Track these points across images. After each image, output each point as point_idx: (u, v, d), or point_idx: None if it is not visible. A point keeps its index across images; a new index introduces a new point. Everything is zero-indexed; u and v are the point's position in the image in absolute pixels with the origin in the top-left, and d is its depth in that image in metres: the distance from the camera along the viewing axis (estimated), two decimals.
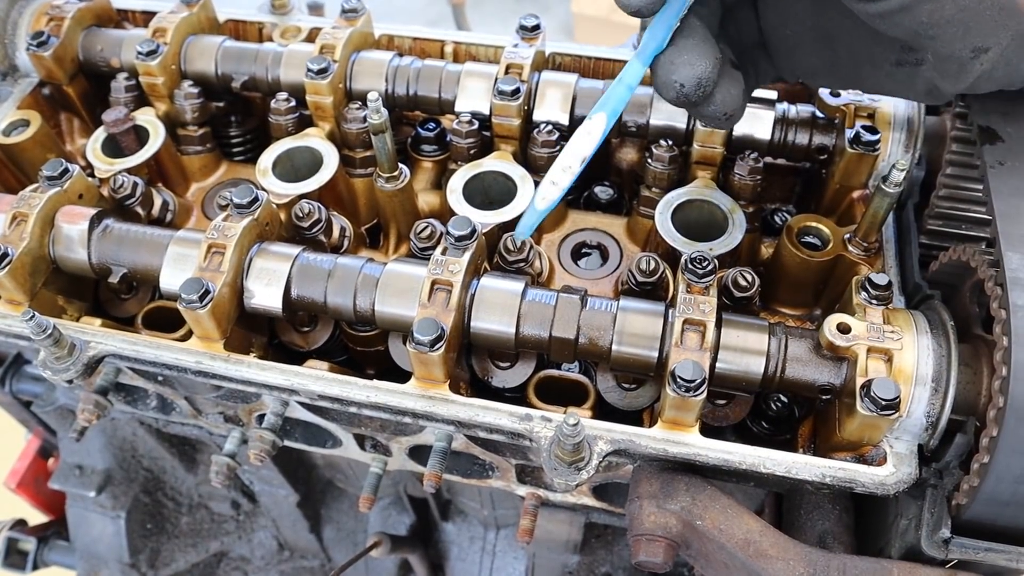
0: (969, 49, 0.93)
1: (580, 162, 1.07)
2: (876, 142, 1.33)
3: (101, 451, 2.23)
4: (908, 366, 1.06)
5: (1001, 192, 1.05)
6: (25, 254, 1.24)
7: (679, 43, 1.00)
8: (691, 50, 1.00)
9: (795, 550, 1.06)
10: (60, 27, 1.55)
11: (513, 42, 1.50)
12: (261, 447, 1.38)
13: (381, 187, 1.37)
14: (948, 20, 0.91)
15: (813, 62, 1.12)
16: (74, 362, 1.21)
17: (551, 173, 1.08)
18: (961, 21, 0.91)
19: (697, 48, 1.00)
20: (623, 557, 2.09)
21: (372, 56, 1.51)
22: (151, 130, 1.50)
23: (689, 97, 1.01)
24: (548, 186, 1.08)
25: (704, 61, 1.00)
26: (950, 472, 1.06)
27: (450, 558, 2.32)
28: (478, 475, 1.52)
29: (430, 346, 1.10)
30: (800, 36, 1.09)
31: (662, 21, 1.00)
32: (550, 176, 1.08)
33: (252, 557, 2.48)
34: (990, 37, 0.92)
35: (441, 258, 1.16)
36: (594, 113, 1.06)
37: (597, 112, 1.06)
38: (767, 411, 1.30)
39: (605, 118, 1.06)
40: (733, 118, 1.08)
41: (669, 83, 1.01)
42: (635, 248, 1.45)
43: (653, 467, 1.15)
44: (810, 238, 1.33)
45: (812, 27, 1.07)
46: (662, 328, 1.13)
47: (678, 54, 1.00)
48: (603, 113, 1.06)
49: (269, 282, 1.21)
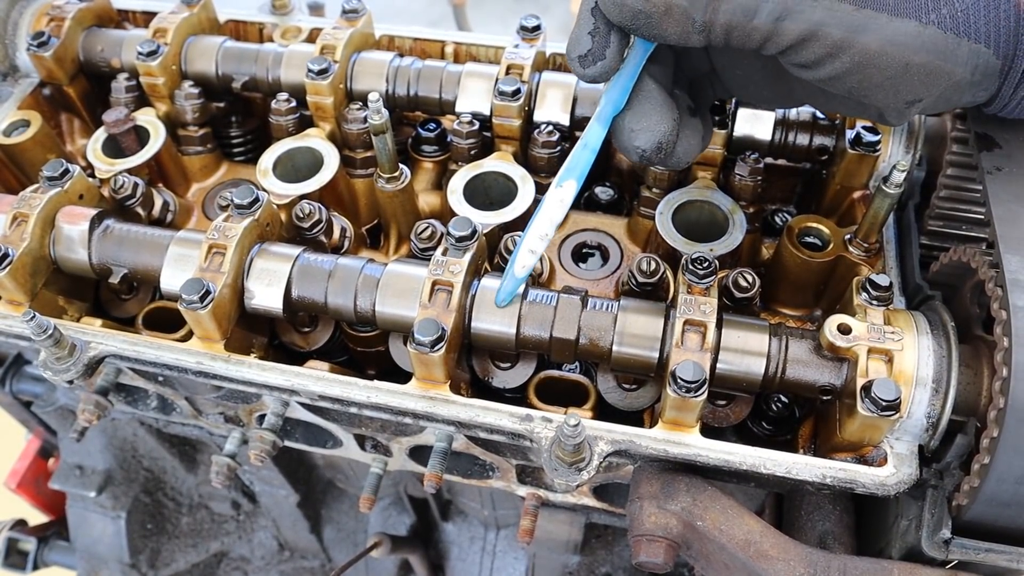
0: (903, 102, 0.97)
1: (554, 228, 1.11)
2: (877, 143, 1.33)
3: (101, 451, 2.23)
4: (909, 367, 1.06)
5: (999, 197, 1.06)
6: (26, 254, 1.24)
7: (636, 107, 1.03)
8: (649, 115, 1.03)
9: (795, 551, 1.06)
10: (61, 27, 1.55)
11: (514, 43, 1.50)
12: (261, 447, 1.38)
13: (382, 188, 1.37)
14: (877, 86, 0.95)
15: (767, 94, 1.14)
16: (75, 362, 1.21)
17: (528, 242, 1.11)
18: (890, 86, 0.95)
19: (655, 112, 1.03)
20: (623, 557, 2.09)
21: (373, 57, 1.51)
22: (152, 130, 1.50)
23: (651, 159, 1.05)
24: (527, 254, 1.11)
25: (662, 125, 1.03)
26: (951, 473, 1.06)
27: (450, 558, 2.32)
28: (478, 475, 1.52)
29: (431, 347, 1.10)
30: (752, 75, 1.11)
31: (617, 85, 1.03)
32: (527, 245, 1.11)
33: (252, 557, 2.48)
34: (921, 92, 0.96)
35: (442, 259, 1.16)
36: (563, 180, 1.10)
37: (566, 179, 1.09)
38: (768, 412, 1.29)
39: (575, 184, 1.10)
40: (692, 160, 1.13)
41: (631, 148, 1.05)
42: (635, 249, 1.45)
43: (654, 468, 1.15)
44: (811, 239, 1.33)
45: (762, 67, 1.09)
46: (663, 329, 1.13)
47: (636, 120, 1.03)
48: (572, 180, 1.09)
49: (270, 282, 1.21)
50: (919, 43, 0.91)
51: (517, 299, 1.16)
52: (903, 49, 0.91)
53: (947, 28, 0.91)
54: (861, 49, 0.91)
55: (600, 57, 0.99)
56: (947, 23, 0.91)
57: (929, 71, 0.93)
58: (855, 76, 0.94)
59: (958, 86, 0.96)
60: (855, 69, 0.93)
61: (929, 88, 0.95)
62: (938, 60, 0.92)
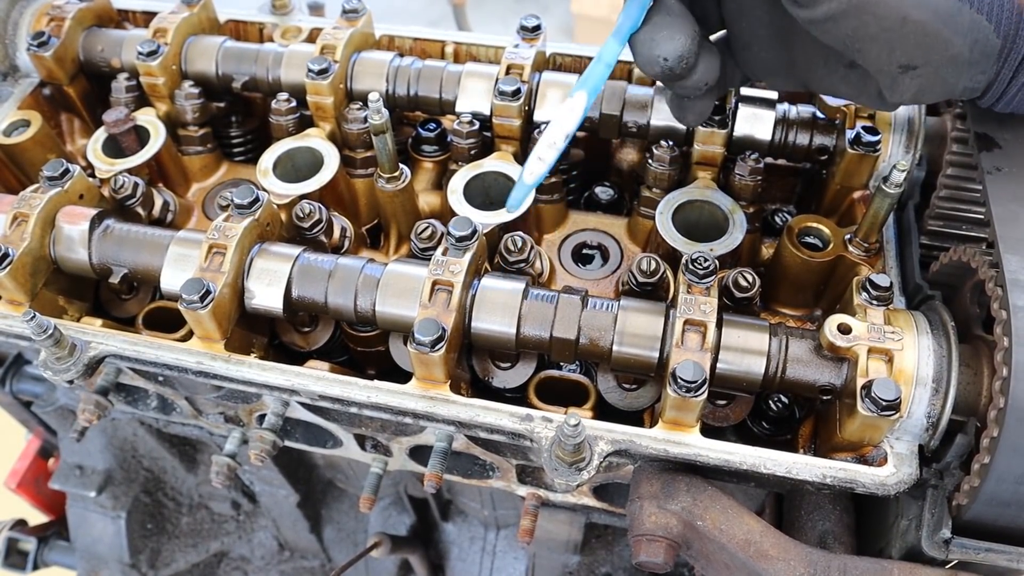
0: (896, 65, 0.96)
1: (564, 138, 1.09)
2: (877, 143, 1.33)
3: (101, 451, 2.23)
4: (909, 367, 1.06)
5: (999, 197, 1.06)
6: (26, 254, 1.24)
7: (657, 20, 1.04)
8: (670, 26, 1.04)
9: (796, 550, 1.06)
10: (61, 27, 1.55)
11: (514, 42, 1.50)
12: (261, 447, 1.38)
13: (382, 187, 1.37)
14: (872, 37, 0.94)
15: (770, 59, 1.14)
16: (75, 362, 1.21)
17: (537, 149, 1.09)
18: (886, 40, 0.94)
19: (675, 23, 1.04)
20: (623, 557, 2.09)
21: (373, 56, 1.51)
22: (152, 130, 1.50)
23: (673, 70, 1.05)
24: (535, 161, 1.10)
25: (683, 35, 1.04)
26: (951, 472, 1.06)
27: (450, 558, 2.32)
28: (479, 475, 1.52)
29: (431, 347, 1.10)
30: (757, 31, 1.11)
31: (636, 2, 1.03)
32: (536, 152, 1.09)
33: (252, 557, 2.48)
34: (916, 58, 0.95)
35: (442, 258, 1.16)
36: (575, 91, 1.09)
37: (578, 90, 1.09)
38: (768, 411, 1.30)
39: (586, 95, 1.09)
40: (712, 90, 1.13)
41: (652, 58, 1.05)
42: (636, 248, 1.45)
43: (654, 467, 1.15)
44: (811, 239, 1.33)
45: (768, 23, 1.09)
46: (663, 329, 1.13)
47: (657, 30, 1.04)
48: (583, 91, 1.09)
49: (270, 282, 1.21)
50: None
51: (517, 299, 1.16)
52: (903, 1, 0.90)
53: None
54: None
55: None
56: None
57: (927, 32, 0.92)
58: (851, 21, 0.93)
59: (955, 61, 0.94)
60: (852, 12, 0.92)
61: (925, 53, 0.94)
62: (937, 22, 0.91)
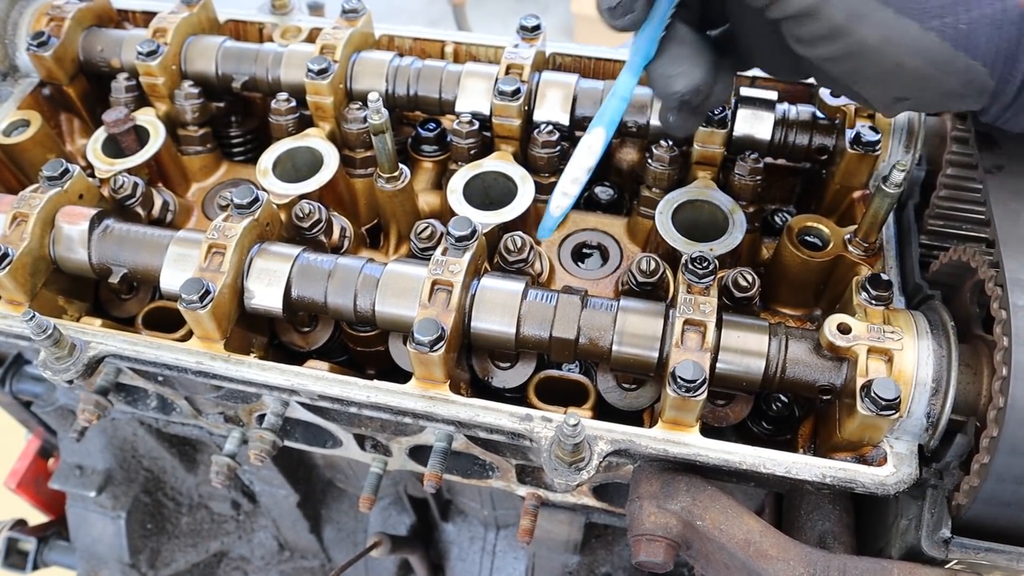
0: (891, 98, 0.99)
1: (585, 173, 1.17)
2: (877, 142, 1.33)
3: (101, 451, 2.23)
4: (908, 366, 1.06)
5: (999, 196, 1.07)
6: (25, 254, 1.24)
7: (672, 52, 1.04)
8: (685, 60, 1.04)
9: (795, 550, 1.06)
10: (60, 27, 1.55)
11: (513, 42, 1.50)
12: (261, 447, 1.38)
13: (381, 187, 1.37)
14: (867, 78, 0.97)
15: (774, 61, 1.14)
16: (74, 362, 1.21)
17: (561, 184, 1.19)
18: (880, 80, 0.96)
19: (691, 56, 1.04)
20: (623, 557, 2.09)
21: (372, 56, 1.51)
22: (151, 130, 1.50)
23: (691, 104, 1.06)
24: (560, 196, 1.20)
25: (699, 69, 1.04)
26: (950, 472, 1.06)
27: (450, 558, 2.32)
28: (478, 475, 1.52)
29: (430, 346, 1.10)
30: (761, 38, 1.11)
31: (645, 34, 1.04)
32: (560, 187, 1.20)
33: (252, 557, 2.48)
34: (909, 94, 0.97)
35: (441, 258, 1.16)
36: (593, 128, 1.14)
37: (595, 127, 1.14)
38: (767, 411, 1.29)
39: (604, 132, 1.14)
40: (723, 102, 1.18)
41: (669, 95, 1.06)
42: (635, 248, 1.45)
43: (653, 467, 1.15)
44: (810, 238, 1.33)
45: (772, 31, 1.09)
46: (662, 328, 1.13)
47: (673, 65, 1.04)
48: (601, 127, 1.14)
49: (269, 282, 1.21)
50: (916, 47, 0.91)
51: (517, 299, 1.16)
52: (899, 49, 0.91)
53: (947, 39, 0.91)
54: (859, 39, 0.92)
55: (629, 10, 1.00)
56: (948, 34, 0.91)
57: (921, 76, 0.94)
58: (848, 63, 0.95)
59: (948, 95, 0.96)
60: (849, 57, 0.94)
61: (918, 91, 0.96)
62: (932, 68, 0.92)
